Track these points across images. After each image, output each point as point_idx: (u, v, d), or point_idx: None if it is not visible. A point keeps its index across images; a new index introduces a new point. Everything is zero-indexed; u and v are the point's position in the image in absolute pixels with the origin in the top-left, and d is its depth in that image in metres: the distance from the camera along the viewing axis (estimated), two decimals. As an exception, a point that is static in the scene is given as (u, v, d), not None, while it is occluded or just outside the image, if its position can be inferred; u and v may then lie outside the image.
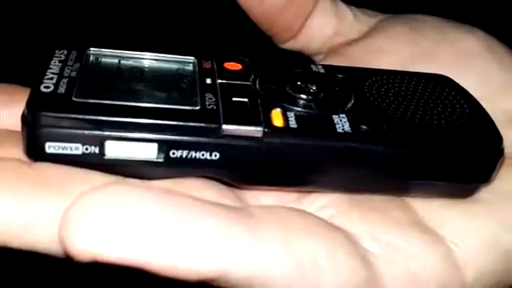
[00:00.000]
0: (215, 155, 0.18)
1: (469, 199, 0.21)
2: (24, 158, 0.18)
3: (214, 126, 0.18)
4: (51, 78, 0.19)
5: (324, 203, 0.20)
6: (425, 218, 0.21)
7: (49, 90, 0.18)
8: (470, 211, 0.21)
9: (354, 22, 0.30)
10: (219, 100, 0.19)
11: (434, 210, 0.21)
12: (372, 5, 0.33)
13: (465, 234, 0.20)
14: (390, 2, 0.36)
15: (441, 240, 0.20)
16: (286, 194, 0.21)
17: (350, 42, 0.30)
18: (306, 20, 0.29)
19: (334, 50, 0.30)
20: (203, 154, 0.18)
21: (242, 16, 0.28)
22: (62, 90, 0.18)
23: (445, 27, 0.29)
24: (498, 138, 0.20)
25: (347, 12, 0.30)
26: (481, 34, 0.28)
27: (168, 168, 0.18)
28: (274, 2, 0.27)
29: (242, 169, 0.19)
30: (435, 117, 0.21)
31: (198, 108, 0.19)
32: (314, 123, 0.19)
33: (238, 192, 0.20)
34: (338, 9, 0.30)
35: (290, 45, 0.30)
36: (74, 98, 0.18)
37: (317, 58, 0.31)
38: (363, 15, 0.31)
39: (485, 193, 0.21)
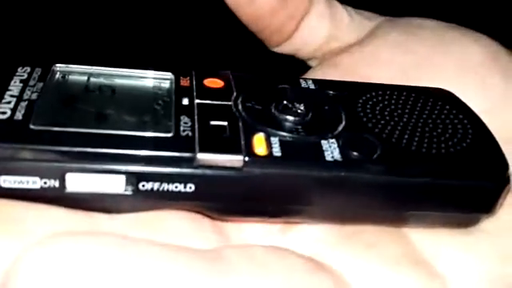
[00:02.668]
0: (190, 187, 0.17)
1: (470, 229, 0.20)
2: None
3: (188, 154, 0.17)
4: (9, 102, 0.17)
5: (312, 235, 0.19)
6: (421, 250, 0.19)
7: (5, 117, 0.16)
8: (469, 243, 0.19)
9: (350, 25, 0.29)
10: (195, 124, 0.18)
11: (431, 241, 0.19)
12: (371, 5, 0.31)
13: (462, 267, 0.19)
14: (390, 3, 0.34)
15: (436, 274, 0.18)
16: (271, 224, 0.19)
17: (345, 48, 0.28)
18: (299, 23, 0.27)
19: (328, 57, 0.28)
20: (176, 186, 0.17)
21: (232, 17, 0.27)
22: (19, 115, 0.16)
23: (445, 32, 0.27)
24: (504, 165, 0.19)
25: (343, 14, 0.29)
26: (484, 40, 0.26)
27: (137, 201, 0.17)
28: (264, 3, 0.26)
29: (221, 201, 0.17)
30: (435, 140, 0.19)
31: (170, 135, 0.17)
32: (301, 150, 0.18)
33: (218, 223, 0.18)
34: (333, 11, 0.28)
35: (282, 48, 0.28)
36: (31, 126, 0.16)
37: (311, 64, 0.30)
38: (360, 17, 0.29)
39: (488, 222, 0.20)
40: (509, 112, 0.23)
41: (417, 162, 0.18)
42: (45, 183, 0.16)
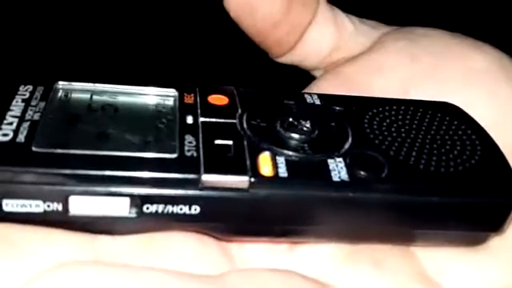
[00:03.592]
0: (195, 209, 0.16)
1: (479, 247, 0.19)
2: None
3: (193, 176, 0.16)
4: (11, 123, 0.17)
5: (319, 255, 0.19)
6: (428, 268, 0.19)
7: (7, 139, 0.16)
8: (477, 261, 0.19)
9: (354, 35, 0.28)
10: (200, 144, 0.17)
11: (438, 260, 0.19)
12: (376, 14, 0.30)
13: (469, 286, 0.18)
14: (394, 12, 0.34)
15: None
16: (278, 243, 0.19)
17: (350, 58, 0.28)
18: (302, 34, 0.27)
19: (332, 67, 0.28)
20: (181, 208, 0.16)
21: (235, 28, 0.26)
22: (21, 137, 0.16)
23: (449, 42, 0.26)
24: (513, 183, 0.18)
25: (347, 24, 0.28)
26: (490, 50, 0.26)
27: (142, 223, 0.16)
28: (267, 14, 0.25)
29: (226, 222, 0.17)
30: (443, 157, 0.19)
31: (175, 156, 0.17)
32: (307, 170, 0.17)
33: (224, 243, 0.18)
34: (337, 21, 0.28)
35: (286, 59, 0.28)
36: (33, 148, 0.16)
37: (315, 74, 0.29)
38: (365, 27, 0.29)
39: (496, 240, 0.19)
40: None
41: (425, 180, 0.18)
42: (48, 206, 0.16)
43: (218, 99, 0.20)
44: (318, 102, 0.21)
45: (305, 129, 0.19)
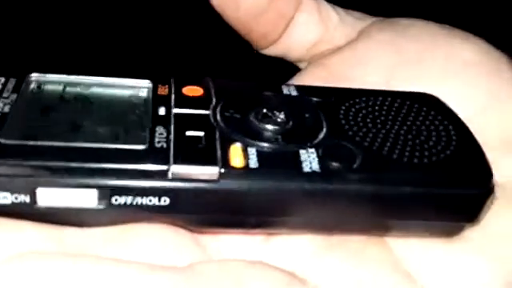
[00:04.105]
0: (164, 200, 0.16)
1: (454, 238, 0.19)
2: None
3: (162, 167, 0.16)
4: None
5: (294, 247, 0.18)
6: (403, 259, 0.19)
7: None
8: (452, 252, 0.19)
9: (339, 27, 0.28)
10: (171, 135, 0.17)
11: (413, 251, 0.19)
12: (362, 5, 0.30)
13: (444, 276, 0.18)
14: (382, 3, 0.34)
15: (416, 283, 0.18)
16: (252, 235, 0.19)
17: (335, 50, 0.27)
18: (287, 26, 0.27)
19: (317, 58, 0.28)
20: (151, 200, 0.16)
21: (219, 20, 0.26)
22: None
23: (434, 32, 0.26)
24: (488, 174, 0.18)
25: (332, 15, 0.28)
26: (477, 41, 0.25)
27: (111, 215, 0.16)
28: (251, 6, 0.25)
29: (197, 214, 0.17)
30: (417, 148, 0.19)
31: (144, 147, 0.17)
32: (278, 161, 0.17)
33: (196, 235, 0.18)
34: (322, 13, 0.28)
35: (270, 51, 0.28)
36: (1, 140, 0.16)
37: (300, 65, 0.29)
38: (350, 18, 0.28)
39: (472, 231, 0.19)
40: (504, 113, 0.23)
41: (398, 170, 0.18)
42: (15, 198, 0.16)
43: (192, 90, 0.20)
44: (294, 93, 0.21)
45: (279, 120, 0.19)
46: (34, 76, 0.19)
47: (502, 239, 0.19)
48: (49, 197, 0.16)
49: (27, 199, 0.16)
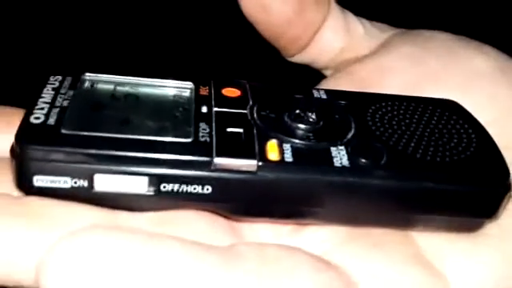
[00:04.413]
0: (207, 189, 0.18)
1: (475, 234, 0.20)
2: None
3: (205, 159, 0.18)
4: (42, 108, 0.18)
5: (321, 236, 0.20)
6: (426, 252, 0.20)
7: (38, 122, 0.18)
8: (473, 247, 0.20)
9: (364, 37, 0.29)
10: (213, 131, 0.19)
11: (436, 244, 0.20)
12: (384, 17, 0.32)
13: (466, 270, 0.19)
14: (402, 16, 0.35)
15: (440, 276, 0.19)
16: (283, 225, 0.20)
17: (359, 59, 0.29)
18: (314, 34, 0.28)
19: (342, 67, 0.29)
20: (195, 188, 0.18)
21: (250, 29, 0.28)
22: (51, 121, 0.18)
23: (455, 45, 0.28)
24: (506, 173, 0.19)
25: (358, 26, 0.30)
26: (492, 53, 0.27)
27: (159, 201, 0.18)
28: (281, 14, 0.27)
29: (235, 202, 0.19)
30: (440, 148, 0.20)
31: (190, 140, 0.18)
32: (311, 156, 0.19)
33: (233, 224, 0.20)
34: (348, 23, 0.29)
35: (298, 58, 0.29)
36: (63, 131, 0.18)
37: (325, 73, 0.31)
38: (374, 29, 0.30)
39: (492, 228, 0.20)
40: None
41: (421, 168, 0.19)
42: (75, 183, 0.17)
43: (230, 92, 0.21)
44: (324, 96, 0.22)
45: (311, 120, 0.20)
46: (88, 75, 0.21)
47: None
48: (105, 182, 0.17)
49: (85, 184, 0.17)
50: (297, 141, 0.19)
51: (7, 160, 0.18)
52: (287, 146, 0.19)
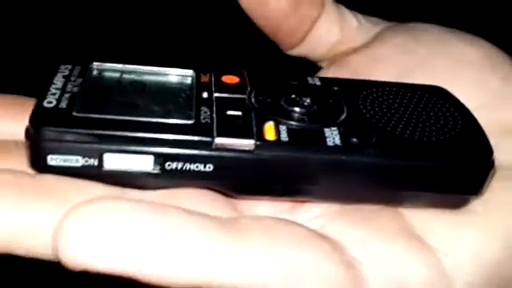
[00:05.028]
0: (209, 167, 0.19)
1: (461, 210, 0.22)
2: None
3: (207, 139, 0.19)
4: (54, 94, 0.20)
5: (316, 213, 0.21)
6: (415, 227, 0.21)
7: (51, 106, 0.19)
8: (459, 222, 0.21)
9: (357, 30, 0.31)
10: (214, 114, 0.20)
11: (424, 220, 0.21)
12: (377, 11, 0.33)
13: (453, 244, 0.21)
14: (395, 10, 0.37)
15: (429, 249, 0.20)
16: (280, 203, 0.22)
17: (353, 51, 0.30)
18: (311, 27, 0.30)
19: (337, 58, 0.30)
20: (197, 166, 0.19)
21: (247, 22, 0.29)
22: (63, 105, 0.19)
23: (445, 37, 0.29)
24: (489, 151, 0.21)
25: (352, 19, 0.31)
26: (481, 43, 0.28)
27: (164, 179, 0.19)
28: (278, 8, 0.28)
29: (235, 180, 0.20)
30: (426, 129, 0.21)
31: (192, 122, 0.20)
32: (305, 136, 0.20)
33: (233, 201, 0.21)
34: (342, 16, 0.30)
35: (295, 51, 0.31)
36: (74, 113, 0.19)
37: (321, 65, 0.32)
38: (367, 23, 0.31)
39: (477, 204, 0.22)
40: (505, 107, 0.25)
41: (409, 147, 0.20)
42: (86, 162, 0.19)
43: (230, 79, 0.23)
44: (318, 83, 0.24)
45: (305, 104, 0.22)
46: (96, 64, 0.22)
47: (502, 210, 0.21)
48: (113, 161, 0.19)
49: (95, 162, 0.19)
50: (292, 122, 0.21)
51: (19, 143, 0.20)
52: (283, 128, 0.20)
